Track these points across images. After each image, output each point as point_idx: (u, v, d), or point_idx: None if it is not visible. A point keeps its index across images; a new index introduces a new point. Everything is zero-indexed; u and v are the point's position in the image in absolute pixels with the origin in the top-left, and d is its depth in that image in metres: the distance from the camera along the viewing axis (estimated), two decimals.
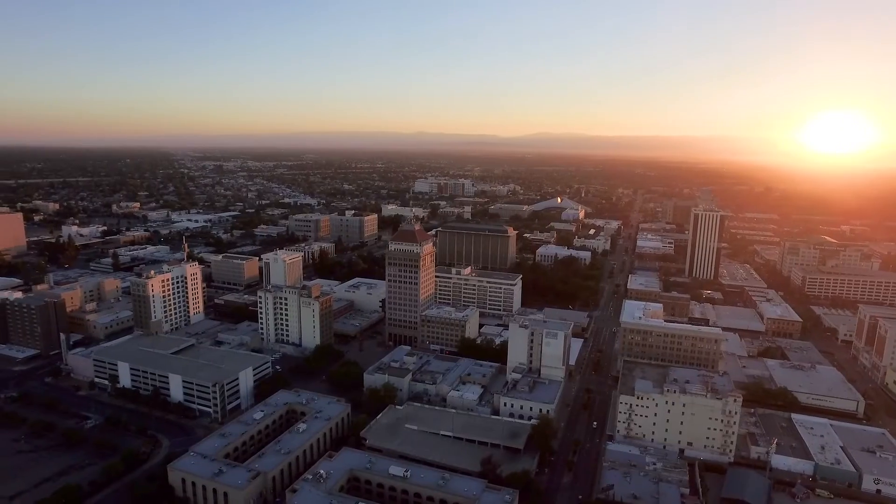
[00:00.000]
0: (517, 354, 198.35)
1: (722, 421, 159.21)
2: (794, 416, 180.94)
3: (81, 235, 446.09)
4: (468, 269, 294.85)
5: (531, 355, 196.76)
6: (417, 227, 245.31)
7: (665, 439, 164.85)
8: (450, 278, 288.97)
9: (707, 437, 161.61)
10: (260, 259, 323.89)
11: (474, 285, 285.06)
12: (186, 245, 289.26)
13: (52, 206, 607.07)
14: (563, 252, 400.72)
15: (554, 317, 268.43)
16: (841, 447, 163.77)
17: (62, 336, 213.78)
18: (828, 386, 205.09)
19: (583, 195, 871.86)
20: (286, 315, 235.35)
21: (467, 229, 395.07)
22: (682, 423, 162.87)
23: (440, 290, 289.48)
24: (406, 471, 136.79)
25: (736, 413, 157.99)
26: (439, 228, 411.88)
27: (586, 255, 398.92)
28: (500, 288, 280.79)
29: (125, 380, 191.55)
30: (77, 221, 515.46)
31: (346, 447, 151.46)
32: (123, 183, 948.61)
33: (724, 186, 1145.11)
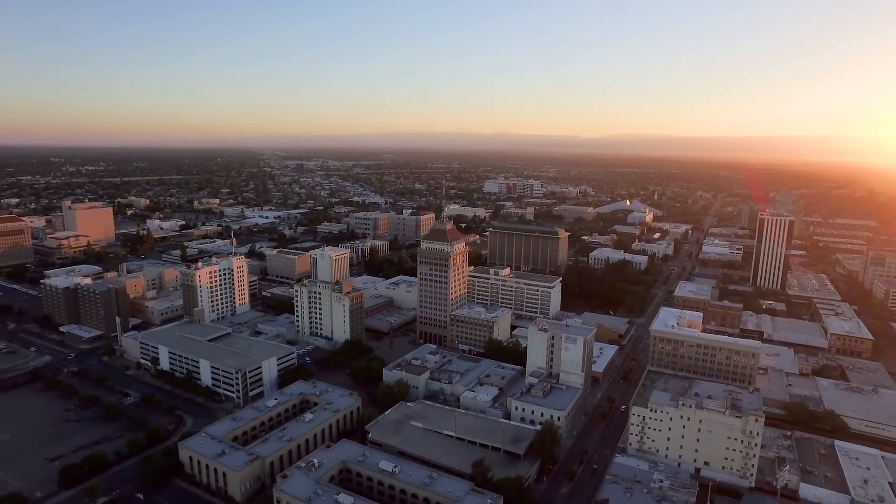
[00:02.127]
0: (536, 358, 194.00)
1: (741, 441, 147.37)
2: (837, 443, 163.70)
3: (161, 229, 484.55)
4: (506, 270, 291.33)
5: (551, 360, 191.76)
6: (449, 226, 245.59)
7: (680, 456, 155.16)
8: (487, 279, 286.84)
9: (725, 458, 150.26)
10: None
11: (511, 286, 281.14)
12: (235, 240, 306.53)
13: (143, 202, 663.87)
14: (619, 256, 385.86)
15: (592, 322, 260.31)
16: (889, 483, 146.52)
17: (117, 319, 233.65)
18: (890, 413, 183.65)
19: (655, 198, 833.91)
20: (320, 309, 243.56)
21: (518, 230, 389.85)
22: (697, 440, 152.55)
23: (478, 290, 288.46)
24: (395, 467, 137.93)
25: (757, 434, 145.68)
26: (490, 229, 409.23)
27: (642, 259, 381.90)
28: (538, 290, 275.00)
29: (164, 362, 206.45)
30: (161, 216, 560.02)
31: (345, 439, 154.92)
32: (210, 181, 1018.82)
33: (821, 190, 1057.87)
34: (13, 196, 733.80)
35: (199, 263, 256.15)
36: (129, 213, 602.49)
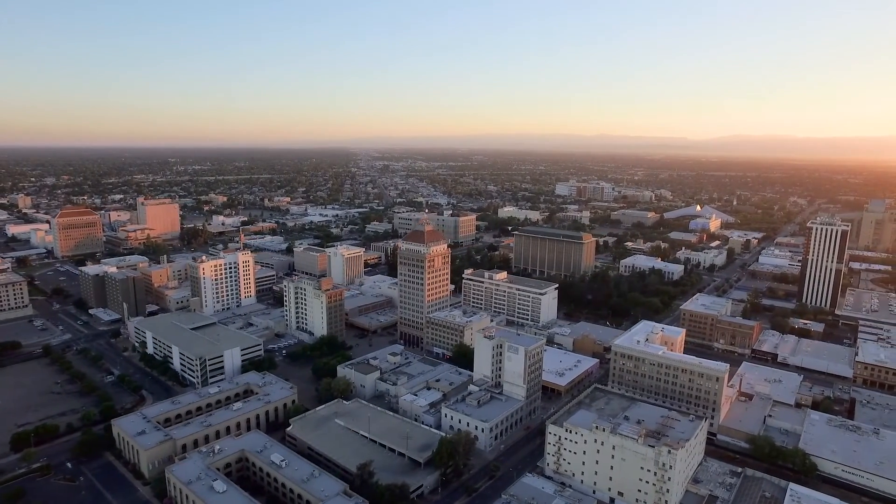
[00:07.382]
0: (482, 367, 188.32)
1: (654, 473, 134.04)
2: (792, 486, 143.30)
3: (223, 224, 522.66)
4: (502, 274, 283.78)
5: (499, 369, 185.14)
6: (428, 228, 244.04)
7: (595, 483, 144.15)
8: (482, 283, 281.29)
9: (639, 490, 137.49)
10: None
11: (504, 292, 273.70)
12: (243, 235, 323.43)
13: (220, 199, 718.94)
14: (650, 264, 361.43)
15: (581, 331, 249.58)
16: None
17: (124, 305, 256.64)
18: (879, 459, 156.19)
19: (734, 203, 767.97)
20: (305, 305, 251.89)
21: (542, 234, 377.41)
22: (612, 467, 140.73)
23: (473, 294, 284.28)
24: (283, 460, 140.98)
25: (671, 467, 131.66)
26: (515, 232, 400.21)
27: (676, 268, 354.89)
28: (529, 296, 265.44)
29: (150, 346, 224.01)
30: (230, 212, 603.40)
31: (257, 430, 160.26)
32: (293, 180, 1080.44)
33: None
34: (121, 192, 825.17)
35: (204, 257, 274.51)
36: (206, 209, 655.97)
